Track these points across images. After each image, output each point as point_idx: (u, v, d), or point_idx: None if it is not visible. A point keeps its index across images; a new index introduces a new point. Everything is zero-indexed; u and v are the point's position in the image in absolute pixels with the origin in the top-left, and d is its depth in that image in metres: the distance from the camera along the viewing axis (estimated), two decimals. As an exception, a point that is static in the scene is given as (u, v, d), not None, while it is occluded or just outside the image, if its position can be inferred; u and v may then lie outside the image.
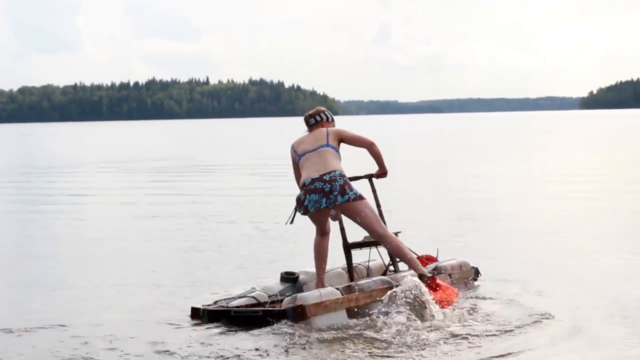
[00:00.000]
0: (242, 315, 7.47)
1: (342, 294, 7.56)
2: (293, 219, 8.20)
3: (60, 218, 16.19)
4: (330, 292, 7.52)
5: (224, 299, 7.89)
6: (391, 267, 8.62)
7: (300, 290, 7.97)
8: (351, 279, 8.32)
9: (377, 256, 8.72)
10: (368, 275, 8.51)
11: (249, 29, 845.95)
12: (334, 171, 7.85)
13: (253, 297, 7.87)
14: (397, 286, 7.61)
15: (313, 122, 8.22)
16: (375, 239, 8.01)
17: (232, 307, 7.65)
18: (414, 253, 8.17)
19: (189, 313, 7.73)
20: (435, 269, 8.46)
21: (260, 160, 35.92)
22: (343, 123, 8.39)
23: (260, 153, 42.33)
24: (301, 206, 7.91)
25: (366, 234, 8.31)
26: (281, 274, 8.22)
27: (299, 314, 7.28)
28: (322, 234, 8.04)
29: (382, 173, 8.29)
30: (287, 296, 7.73)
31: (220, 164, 33.74)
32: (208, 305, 7.78)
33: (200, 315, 7.63)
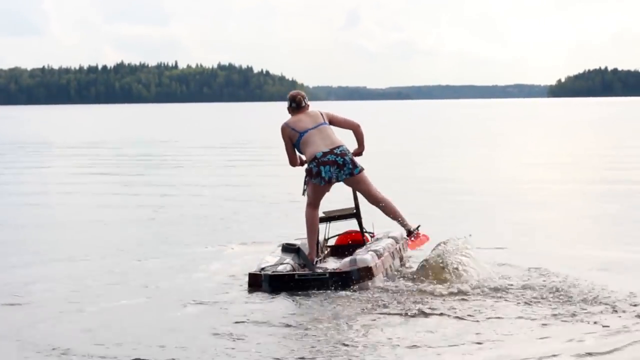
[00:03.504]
0: (308, 279, 7.76)
1: (378, 258, 8.09)
2: (305, 190, 8.81)
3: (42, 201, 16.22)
4: (374, 256, 8.04)
5: (269, 266, 8.04)
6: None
7: (306, 259, 8.39)
8: (318, 249, 8.91)
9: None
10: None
11: (219, 14, 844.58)
12: (342, 145, 8.68)
13: (289, 264, 8.15)
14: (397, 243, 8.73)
15: (303, 104, 8.89)
16: (372, 201, 8.83)
17: (294, 273, 7.89)
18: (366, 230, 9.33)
19: (247, 279, 7.92)
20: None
21: (235, 144, 35.98)
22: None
23: (234, 137, 42.36)
24: (316, 177, 8.52)
25: (326, 209, 9.21)
26: (282, 245, 8.63)
27: (365, 275, 7.73)
28: (316, 206, 8.73)
29: (359, 151, 9.02)
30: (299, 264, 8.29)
31: (195, 147, 33.78)
32: (263, 271, 7.92)
33: (261, 282, 7.79)
